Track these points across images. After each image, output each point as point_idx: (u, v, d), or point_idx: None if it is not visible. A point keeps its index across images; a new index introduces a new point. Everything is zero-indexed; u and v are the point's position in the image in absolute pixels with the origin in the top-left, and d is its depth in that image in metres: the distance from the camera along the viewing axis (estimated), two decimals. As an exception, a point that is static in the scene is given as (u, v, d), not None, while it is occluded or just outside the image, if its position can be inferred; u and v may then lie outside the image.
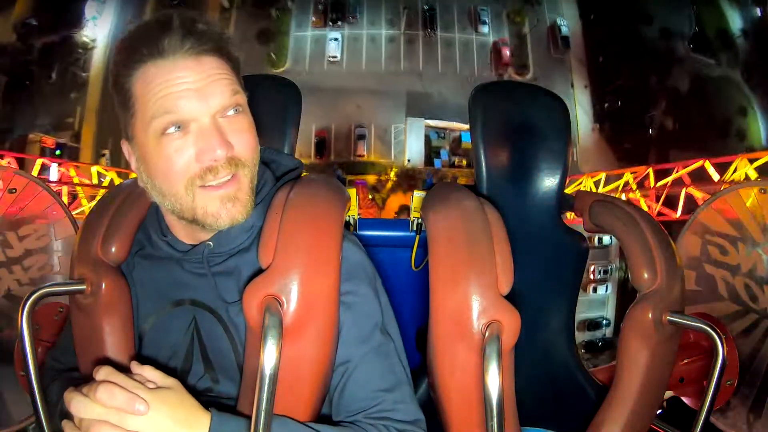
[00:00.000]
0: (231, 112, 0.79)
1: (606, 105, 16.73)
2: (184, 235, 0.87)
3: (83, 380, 0.87)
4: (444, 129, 16.82)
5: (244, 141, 0.80)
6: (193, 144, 0.76)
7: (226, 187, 0.79)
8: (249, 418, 0.73)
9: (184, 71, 0.75)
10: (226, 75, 0.79)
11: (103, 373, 0.73)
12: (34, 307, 0.86)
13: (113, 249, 0.90)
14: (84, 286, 0.88)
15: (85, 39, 16.05)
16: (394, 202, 15.88)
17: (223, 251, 0.86)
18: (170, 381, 0.76)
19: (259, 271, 0.80)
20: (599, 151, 16.27)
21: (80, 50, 15.85)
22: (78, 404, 0.70)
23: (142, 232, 0.93)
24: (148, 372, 0.76)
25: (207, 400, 0.83)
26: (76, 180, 11.03)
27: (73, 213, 1.48)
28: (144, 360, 0.90)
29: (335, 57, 16.78)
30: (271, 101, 1.20)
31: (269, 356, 0.72)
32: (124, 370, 0.86)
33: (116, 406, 0.69)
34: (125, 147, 0.84)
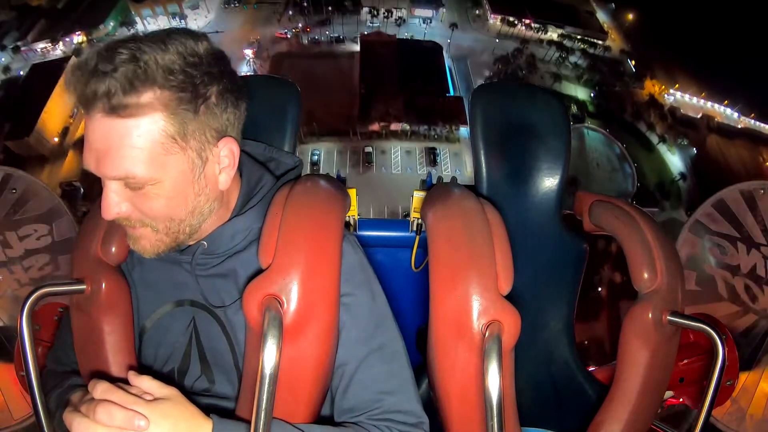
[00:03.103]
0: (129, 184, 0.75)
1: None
2: None
3: (83, 386, 0.88)
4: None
5: (144, 209, 0.77)
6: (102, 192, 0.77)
7: (128, 229, 0.80)
8: (249, 422, 0.72)
9: (91, 134, 0.72)
10: (133, 145, 0.71)
11: (100, 390, 0.73)
12: (34, 307, 0.86)
13: (113, 249, 0.90)
14: (84, 286, 0.88)
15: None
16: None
17: (219, 252, 0.86)
18: (168, 391, 0.75)
19: (259, 271, 0.80)
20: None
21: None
22: (79, 426, 0.70)
23: None
24: (146, 383, 0.75)
25: (204, 400, 0.83)
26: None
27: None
28: (143, 360, 0.90)
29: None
30: (271, 101, 1.20)
31: (269, 356, 0.72)
32: (124, 370, 0.87)
33: (116, 426, 0.69)
34: None
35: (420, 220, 1.40)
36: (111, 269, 0.90)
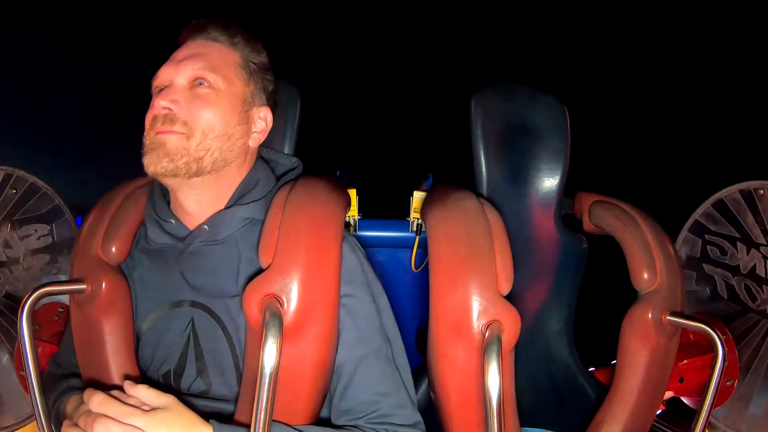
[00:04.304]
0: (197, 83, 0.86)
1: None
2: (184, 215, 0.89)
3: (80, 389, 0.88)
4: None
5: (195, 108, 0.84)
6: (153, 105, 0.86)
7: (161, 133, 0.83)
8: (248, 425, 0.73)
9: (184, 50, 0.89)
10: (218, 57, 0.89)
11: (96, 402, 0.73)
12: (34, 307, 0.86)
13: (113, 249, 0.90)
14: (84, 286, 0.88)
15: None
16: None
17: (220, 238, 0.87)
18: (165, 399, 0.75)
19: (259, 271, 0.80)
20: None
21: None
22: None
23: (142, 229, 0.94)
24: (142, 392, 0.75)
25: (201, 402, 0.83)
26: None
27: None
28: (140, 361, 0.90)
29: None
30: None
31: (269, 356, 0.72)
32: (124, 370, 0.87)
33: None
34: None
35: (420, 220, 1.40)
36: (111, 269, 0.90)
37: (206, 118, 0.84)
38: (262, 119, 0.94)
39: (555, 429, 1.15)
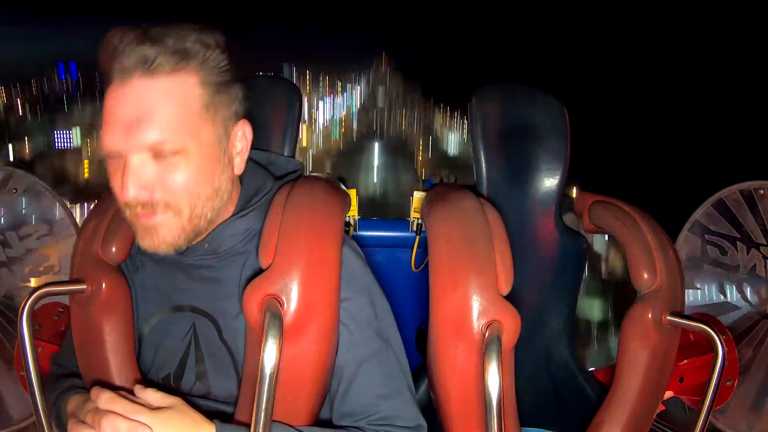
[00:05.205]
0: (159, 151, 0.72)
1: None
2: None
3: (81, 388, 0.88)
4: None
5: (170, 186, 0.74)
6: (116, 175, 0.74)
7: (144, 218, 0.75)
8: (249, 424, 0.73)
9: (123, 103, 0.72)
10: (171, 104, 0.72)
11: (104, 399, 0.74)
12: (34, 307, 0.86)
13: (113, 249, 0.90)
14: (84, 286, 0.88)
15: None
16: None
17: (221, 251, 0.86)
18: (172, 400, 0.77)
19: (259, 272, 0.80)
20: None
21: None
22: None
23: None
24: (151, 395, 0.77)
25: (201, 403, 0.83)
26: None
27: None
28: (141, 364, 0.90)
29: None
30: (271, 101, 1.20)
31: (269, 356, 0.72)
32: (124, 371, 0.87)
33: None
34: None
35: (420, 220, 1.40)
36: (111, 269, 0.90)
37: (187, 190, 0.75)
38: (241, 138, 0.82)
39: (555, 429, 1.15)
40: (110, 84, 0.73)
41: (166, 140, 0.72)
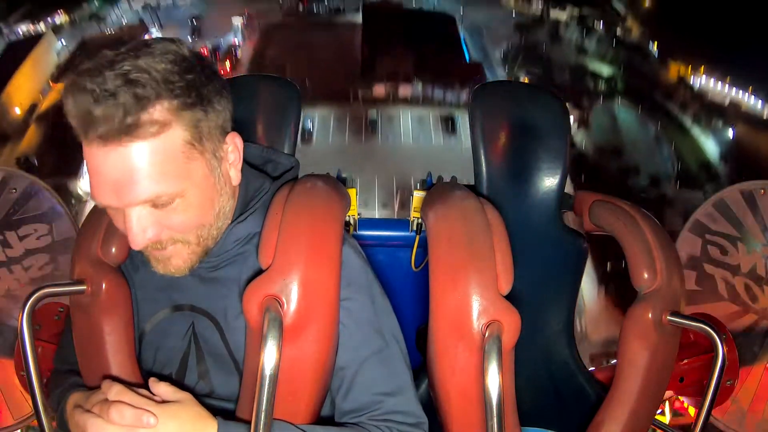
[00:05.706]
0: (156, 200, 0.73)
1: (608, 265, 14.85)
2: None
3: (85, 387, 0.88)
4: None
5: (174, 228, 0.76)
6: (118, 221, 0.76)
7: (156, 252, 0.79)
8: (250, 423, 0.73)
9: (105, 170, 0.70)
10: (154, 155, 0.70)
11: (114, 392, 0.77)
12: (35, 307, 0.86)
13: (113, 249, 0.90)
14: (84, 286, 0.88)
15: (80, 191, 15.64)
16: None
17: (221, 255, 0.86)
18: (181, 395, 0.79)
19: (259, 272, 0.80)
20: (608, 316, 14.83)
21: (73, 200, 15.40)
22: (93, 426, 0.74)
23: None
24: (163, 388, 0.79)
25: (206, 401, 0.83)
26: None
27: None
28: (142, 364, 0.91)
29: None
30: (271, 101, 1.20)
31: (269, 356, 0.72)
32: (124, 370, 0.87)
33: (127, 424, 0.73)
34: None
35: (420, 220, 1.40)
36: (111, 269, 0.90)
37: (192, 225, 0.78)
38: (233, 151, 0.81)
39: (555, 429, 1.15)
40: (88, 142, 0.69)
41: (161, 194, 0.72)
